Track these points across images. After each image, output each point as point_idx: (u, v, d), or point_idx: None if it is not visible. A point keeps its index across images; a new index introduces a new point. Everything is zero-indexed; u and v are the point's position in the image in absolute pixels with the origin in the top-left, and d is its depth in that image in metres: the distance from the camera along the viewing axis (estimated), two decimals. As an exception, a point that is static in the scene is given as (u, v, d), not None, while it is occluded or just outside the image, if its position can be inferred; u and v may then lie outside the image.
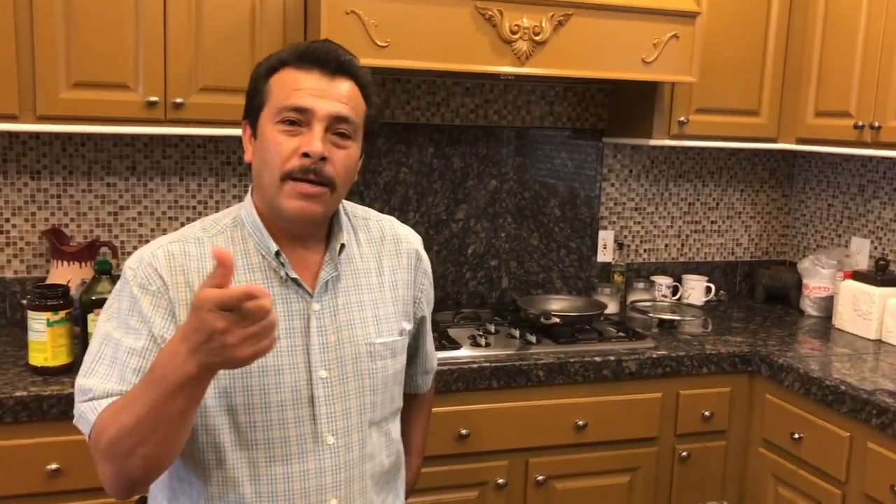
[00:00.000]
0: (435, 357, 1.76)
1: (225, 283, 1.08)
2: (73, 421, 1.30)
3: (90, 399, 1.27)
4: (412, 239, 1.58)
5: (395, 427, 1.52)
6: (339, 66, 1.36)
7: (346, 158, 1.36)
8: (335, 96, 1.34)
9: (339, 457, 1.38)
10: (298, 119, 1.33)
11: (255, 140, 1.38)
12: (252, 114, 1.39)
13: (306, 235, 1.41)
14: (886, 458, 2.03)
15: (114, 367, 1.30)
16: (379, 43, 2.12)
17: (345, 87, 1.36)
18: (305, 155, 1.31)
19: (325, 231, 1.45)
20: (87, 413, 1.26)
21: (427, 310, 1.61)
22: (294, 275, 1.38)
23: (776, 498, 2.39)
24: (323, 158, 1.32)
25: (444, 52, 2.19)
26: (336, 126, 1.34)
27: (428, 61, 2.18)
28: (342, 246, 1.44)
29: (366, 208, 1.57)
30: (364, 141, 1.42)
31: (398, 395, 1.51)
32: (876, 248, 2.89)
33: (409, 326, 1.53)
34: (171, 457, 1.23)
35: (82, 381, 1.31)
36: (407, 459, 1.67)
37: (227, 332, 1.07)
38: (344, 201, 1.47)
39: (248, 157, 1.41)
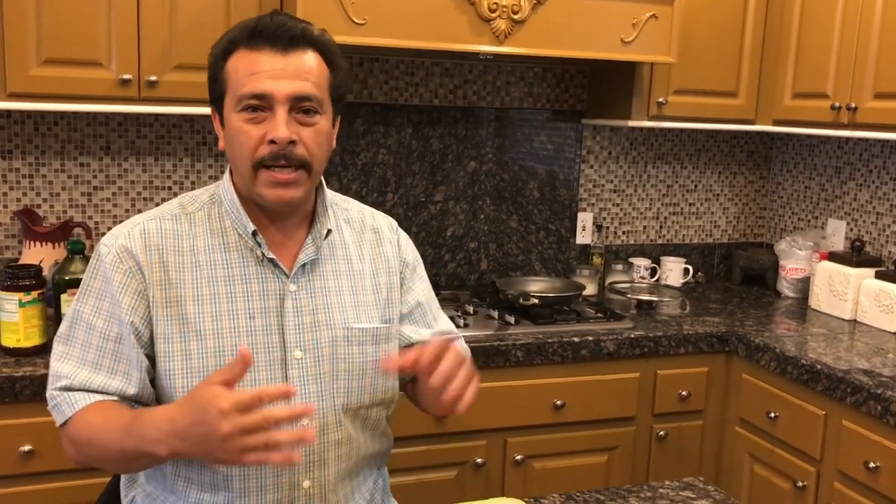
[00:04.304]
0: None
1: (234, 380, 1.12)
2: (48, 407, 1.31)
3: (65, 388, 1.29)
4: (394, 227, 1.55)
5: (378, 417, 1.46)
6: (291, 40, 1.31)
7: (315, 135, 1.32)
8: (292, 73, 1.29)
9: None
10: (259, 105, 1.29)
11: (224, 128, 1.36)
12: (216, 100, 1.36)
13: (287, 215, 1.39)
14: (860, 436, 2.05)
15: (87, 351, 1.31)
16: (356, 20, 2.09)
17: (302, 60, 1.31)
18: (272, 142, 1.28)
19: (307, 212, 1.43)
20: (62, 406, 1.29)
21: (420, 289, 1.54)
22: (271, 255, 1.36)
23: (752, 476, 2.42)
24: (291, 142, 1.29)
25: (423, 30, 2.17)
26: (299, 104, 1.30)
27: (406, 39, 2.16)
28: (329, 231, 1.42)
29: (346, 198, 1.55)
30: (335, 107, 1.38)
31: (383, 386, 1.45)
32: (852, 229, 2.91)
33: (395, 314, 1.49)
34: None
35: (56, 365, 1.32)
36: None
37: (229, 439, 1.08)
38: (326, 190, 1.45)
39: (221, 144, 1.38)
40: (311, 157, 1.32)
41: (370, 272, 1.47)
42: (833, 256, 2.73)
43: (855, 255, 2.66)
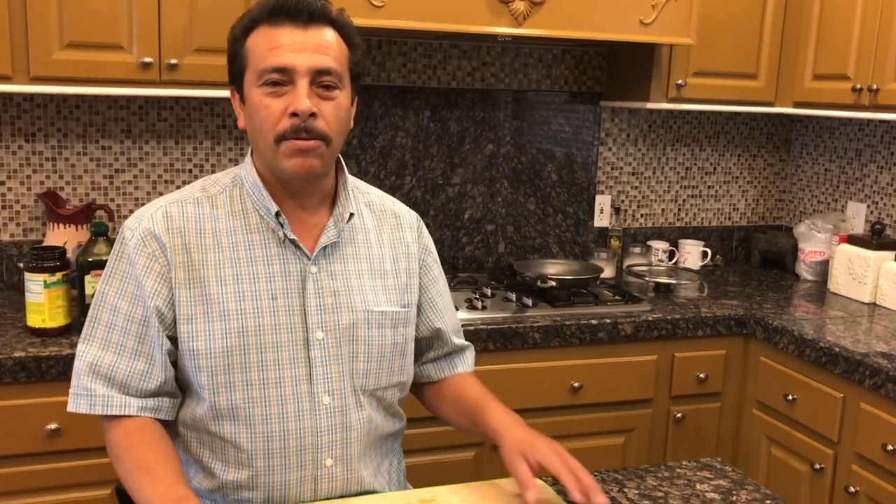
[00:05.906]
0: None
1: None
2: (70, 389, 1.35)
3: (90, 371, 1.33)
4: (413, 215, 1.57)
5: (392, 398, 1.48)
6: (311, 15, 1.33)
7: (335, 109, 1.34)
8: (313, 48, 1.31)
9: (335, 418, 1.38)
10: (281, 79, 1.31)
11: (244, 105, 1.37)
12: (236, 79, 1.38)
13: (307, 195, 1.41)
14: (879, 418, 2.05)
15: (111, 333, 1.34)
16: (375, 3, 2.09)
17: (322, 35, 1.33)
18: (294, 115, 1.30)
19: (327, 194, 1.44)
20: (95, 399, 1.33)
21: (438, 277, 1.56)
22: (292, 236, 1.38)
23: (769, 458, 2.42)
24: (312, 115, 1.30)
25: (441, 12, 2.17)
26: (320, 78, 1.32)
27: (424, 21, 2.16)
28: (351, 214, 1.43)
29: (366, 184, 1.57)
30: (353, 85, 1.40)
31: (400, 369, 1.47)
32: (872, 212, 2.89)
33: (413, 299, 1.51)
34: None
35: (82, 345, 1.36)
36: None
37: None
38: (347, 174, 1.47)
39: (240, 123, 1.40)
40: (330, 131, 1.34)
41: (390, 256, 1.49)
42: (853, 239, 2.72)
43: (875, 238, 2.65)
